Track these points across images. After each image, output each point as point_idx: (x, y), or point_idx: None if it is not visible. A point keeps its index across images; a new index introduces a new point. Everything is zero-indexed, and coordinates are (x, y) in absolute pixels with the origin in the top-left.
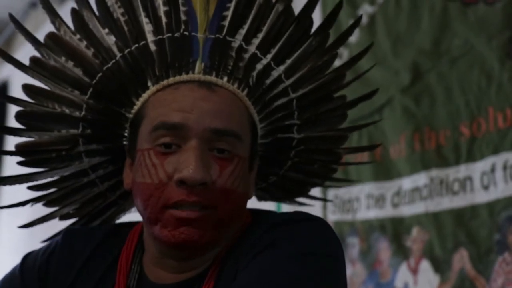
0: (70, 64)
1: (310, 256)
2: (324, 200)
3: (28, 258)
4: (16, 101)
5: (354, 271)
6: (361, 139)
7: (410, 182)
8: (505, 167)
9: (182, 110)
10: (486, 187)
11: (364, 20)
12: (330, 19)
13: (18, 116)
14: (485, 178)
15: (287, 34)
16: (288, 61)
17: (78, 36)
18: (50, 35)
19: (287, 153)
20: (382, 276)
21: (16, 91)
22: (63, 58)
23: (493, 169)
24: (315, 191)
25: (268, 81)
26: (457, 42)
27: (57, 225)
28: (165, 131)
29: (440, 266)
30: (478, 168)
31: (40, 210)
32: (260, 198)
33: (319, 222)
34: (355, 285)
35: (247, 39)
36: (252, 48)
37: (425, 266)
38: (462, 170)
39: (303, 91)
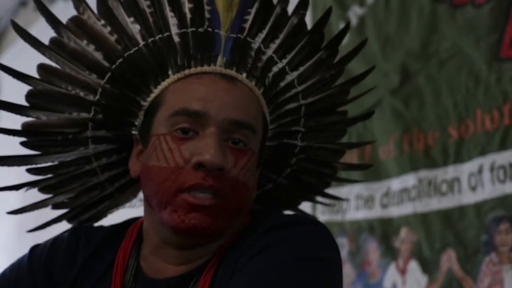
0: (91, 47)
1: (307, 260)
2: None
3: (36, 250)
4: (27, 78)
5: (343, 271)
6: (350, 140)
7: (399, 183)
8: (492, 168)
9: (204, 99)
10: (473, 188)
11: (354, 22)
12: (338, 38)
13: (30, 95)
14: (472, 179)
15: (301, 44)
16: (301, 69)
17: (102, 22)
18: (73, 18)
19: (288, 160)
20: (370, 276)
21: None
22: (85, 41)
23: (480, 170)
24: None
25: (282, 84)
26: (446, 44)
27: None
28: (185, 117)
29: (428, 267)
30: (465, 169)
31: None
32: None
33: (318, 226)
34: (344, 286)
35: (265, 42)
36: (269, 52)
37: (413, 266)
38: (450, 171)
39: (311, 99)
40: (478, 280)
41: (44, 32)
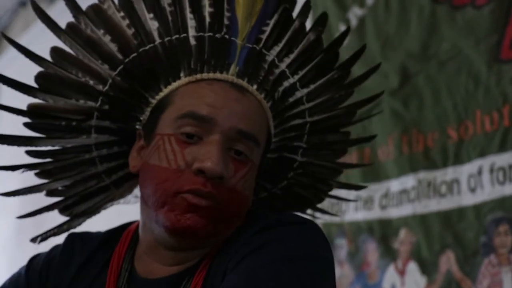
0: (107, 38)
1: (299, 259)
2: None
3: (34, 260)
4: (40, 60)
5: (342, 272)
6: None
7: (398, 184)
8: (491, 170)
9: (213, 105)
10: (473, 190)
11: (354, 23)
12: (353, 59)
13: (39, 76)
14: (472, 180)
15: (315, 61)
16: (312, 86)
17: (121, 13)
18: (93, 6)
19: (286, 173)
20: (369, 277)
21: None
22: (102, 31)
23: (480, 172)
24: None
25: (291, 100)
26: (445, 46)
27: (46, 225)
28: (191, 120)
29: (427, 268)
30: (465, 170)
31: (32, 202)
32: None
33: (309, 225)
34: (343, 286)
35: (280, 56)
36: (283, 65)
37: (412, 267)
38: (449, 173)
39: (317, 118)
40: (477, 281)
41: (42, 35)
